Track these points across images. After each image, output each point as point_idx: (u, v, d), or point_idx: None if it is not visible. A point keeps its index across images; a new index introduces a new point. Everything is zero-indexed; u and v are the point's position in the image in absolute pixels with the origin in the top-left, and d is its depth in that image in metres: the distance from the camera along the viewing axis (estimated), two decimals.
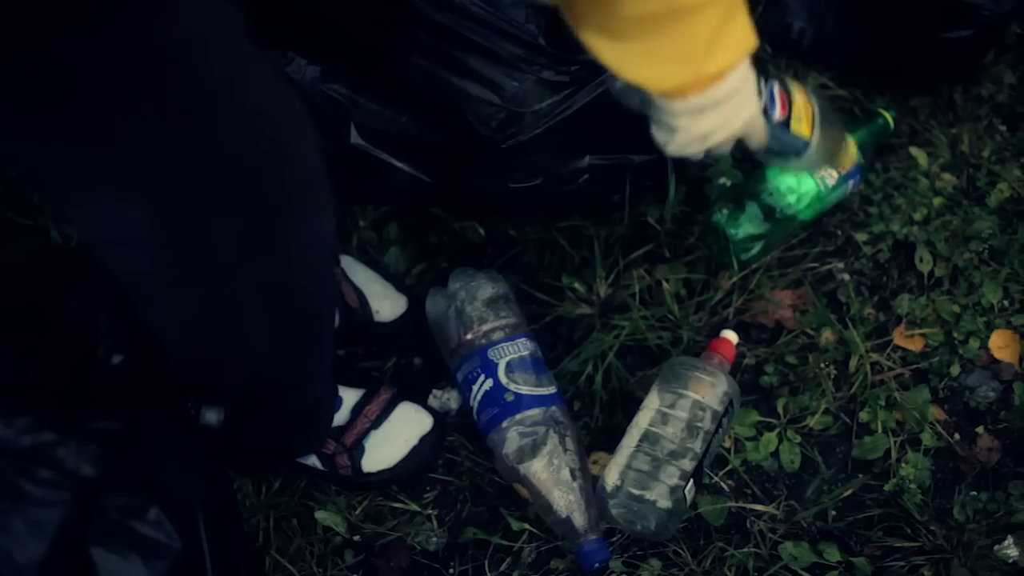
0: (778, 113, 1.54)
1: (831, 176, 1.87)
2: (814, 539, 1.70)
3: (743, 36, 1.26)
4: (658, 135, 1.39)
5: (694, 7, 1.17)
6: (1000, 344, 1.87)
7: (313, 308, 1.43)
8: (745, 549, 1.68)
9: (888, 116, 1.99)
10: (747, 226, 1.84)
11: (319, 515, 1.70)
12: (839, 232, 1.96)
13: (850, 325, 1.83)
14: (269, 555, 1.66)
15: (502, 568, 1.69)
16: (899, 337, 1.87)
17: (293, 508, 1.71)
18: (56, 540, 1.26)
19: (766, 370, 1.82)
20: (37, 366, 1.38)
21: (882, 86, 2.12)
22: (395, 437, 1.72)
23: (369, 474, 1.71)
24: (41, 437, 1.29)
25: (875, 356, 1.84)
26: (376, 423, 1.72)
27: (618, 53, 1.22)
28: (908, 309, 1.88)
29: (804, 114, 1.58)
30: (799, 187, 1.86)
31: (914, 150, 2.05)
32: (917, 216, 1.96)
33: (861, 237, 1.95)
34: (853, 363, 1.82)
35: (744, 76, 1.34)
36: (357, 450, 1.70)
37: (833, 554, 1.68)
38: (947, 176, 2.03)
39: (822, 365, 1.82)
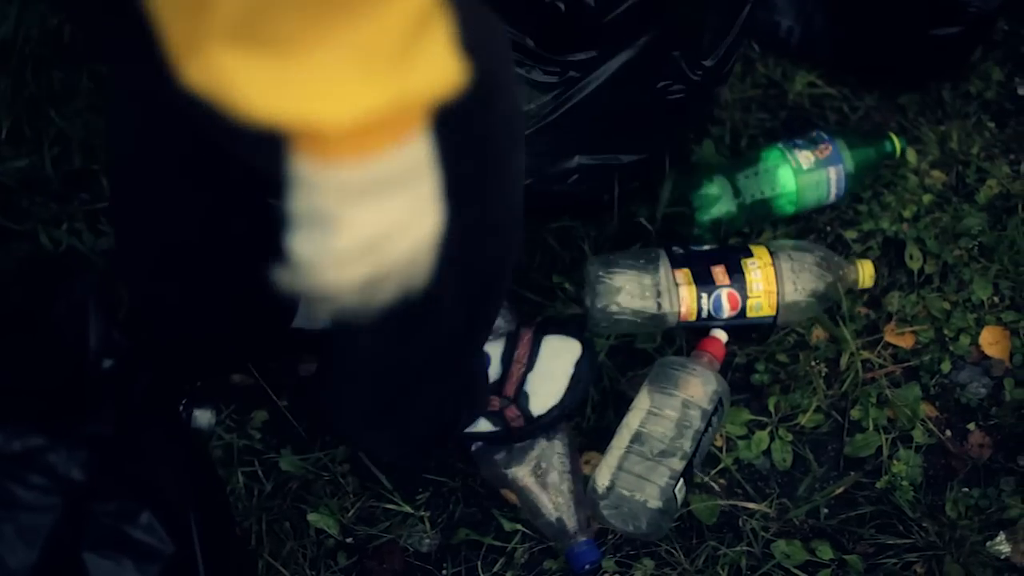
0: (727, 311, 1.76)
1: (806, 159, 1.89)
2: (806, 537, 1.71)
3: (447, 54, 0.80)
4: (304, 244, 0.86)
5: None
6: (990, 340, 1.88)
7: (500, 256, 1.36)
8: (738, 548, 1.68)
9: (897, 142, 1.98)
10: (713, 199, 1.87)
11: (311, 517, 1.70)
12: (828, 230, 1.96)
13: (840, 323, 1.83)
14: (262, 558, 1.66)
15: (495, 569, 1.68)
16: (890, 334, 1.87)
17: (286, 511, 1.71)
18: (48, 545, 1.25)
19: (757, 368, 1.82)
20: (27, 371, 1.38)
21: (870, 84, 2.12)
22: (553, 371, 1.72)
23: (541, 417, 1.70)
24: (32, 442, 1.29)
25: (866, 354, 1.84)
26: (530, 365, 1.71)
27: (271, 71, 0.75)
28: (898, 306, 1.88)
29: (764, 297, 1.77)
30: (777, 178, 1.88)
31: None
32: (907, 213, 1.96)
33: (850, 235, 1.95)
34: (844, 361, 1.82)
35: (428, 153, 0.87)
36: (522, 397, 1.69)
37: (826, 552, 1.68)
38: (936, 173, 2.03)
39: (813, 363, 1.82)
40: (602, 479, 1.63)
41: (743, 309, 1.77)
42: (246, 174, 1.13)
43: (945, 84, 2.13)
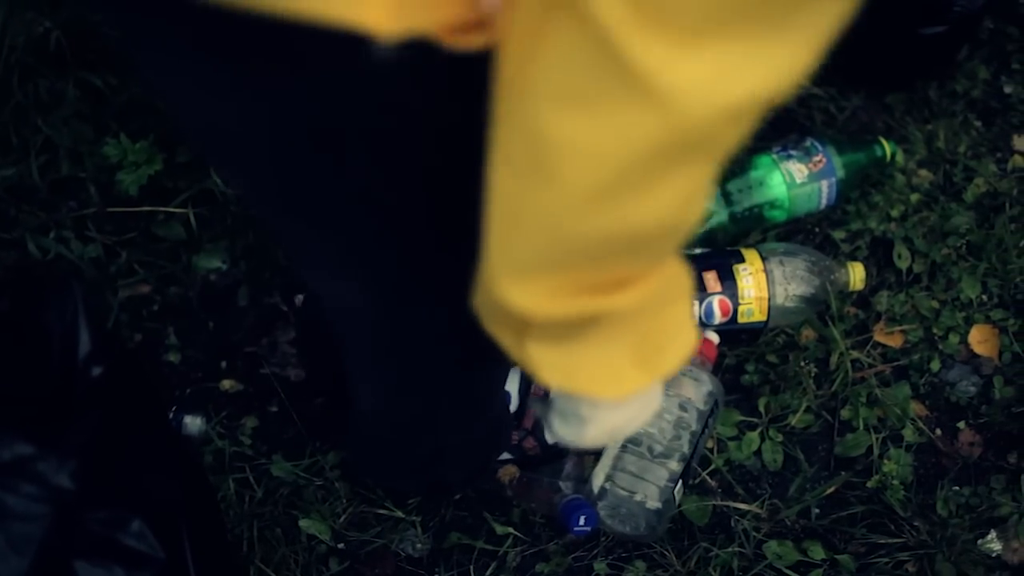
0: (718, 318, 1.77)
1: (800, 172, 1.89)
2: (798, 537, 1.71)
3: (692, 329, 0.99)
4: (561, 428, 1.12)
5: (670, 300, 0.94)
6: (979, 339, 1.88)
7: None
8: (729, 549, 1.68)
9: (887, 147, 1.98)
10: (707, 213, 1.87)
11: (303, 523, 1.70)
12: (817, 230, 1.97)
13: (830, 323, 1.83)
14: (253, 564, 1.66)
15: (487, 573, 1.69)
16: (879, 334, 1.87)
17: (277, 517, 1.71)
18: (39, 554, 1.25)
19: (747, 369, 1.82)
20: (17, 379, 1.38)
21: (857, 83, 2.12)
22: None
23: (555, 444, 1.72)
24: (21, 451, 1.29)
25: (855, 353, 1.84)
26: (546, 394, 1.71)
27: (564, 360, 0.94)
28: (887, 306, 1.88)
29: (755, 303, 1.78)
30: (769, 186, 1.88)
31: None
32: (894, 213, 1.97)
33: (839, 235, 1.95)
34: (834, 360, 1.82)
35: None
36: (538, 428, 1.71)
37: (817, 552, 1.68)
38: (923, 172, 2.03)
39: (803, 363, 1.82)
40: (598, 480, 1.63)
41: (734, 315, 1.77)
42: None
43: (931, 83, 2.13)
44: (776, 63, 0.65)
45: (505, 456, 1.71)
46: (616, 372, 0.97)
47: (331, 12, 0.70)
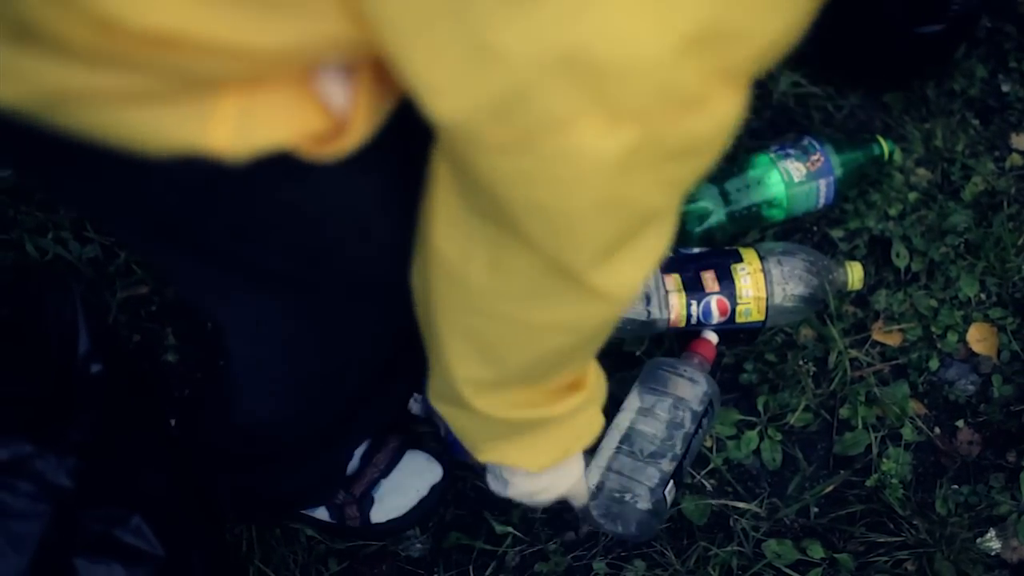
0: (716, 318, 1.76)
1: (798, 171, 1.89)
2: (797, 536, 1.71)
3: (600, 420, 1.33)
4: (492, 483, 1.42)
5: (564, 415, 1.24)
6: (978, 337, 1.88)
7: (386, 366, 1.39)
8: (729, 548, 1.68)
9: (885, 145, 1.97)
10: (705, 213, 1.86)
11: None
12: (815, 229, 1.97)
13: (828, 321, 1.83)
14: (252, 564, 1.66)
15: (487, 573, 1.68)
16: (877, 332, 1.87)
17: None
18: (38, 552, 1.25)
19: (745, 368, 1.82)
20: (15, 378, 1.38)
21: (855, 82, 2.12)
22: (406, 487, 1.70)
23: (377, 524, 1.69)
24: (20, 449, 1.29)
25: (854, 352, 1.84)
26: (385, 472, 1.70)
27: (498, 442, 1.27)
28: (886, 304, 1.88)
29: (753, 303, 1.77)
30: (767, 185, 1.88)
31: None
32: (892, 211, 1.97)
33: (837, 234, 1.95)
34: (832, 359, 1.82)
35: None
36: (366, 501, 1.68)
37: (816, 551, 1.68)
38: (921, 171, 2.03)
39: (801, 362, 1.82)
40: (592, 479, 1.62)
41: (732, 315, 1.77)
42: None
43: (929, 82, 2.13)
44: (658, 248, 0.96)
45: (323, 514, 1.68)
46: (537, 452, 1.28)
47: (177, 138, 0.81)
